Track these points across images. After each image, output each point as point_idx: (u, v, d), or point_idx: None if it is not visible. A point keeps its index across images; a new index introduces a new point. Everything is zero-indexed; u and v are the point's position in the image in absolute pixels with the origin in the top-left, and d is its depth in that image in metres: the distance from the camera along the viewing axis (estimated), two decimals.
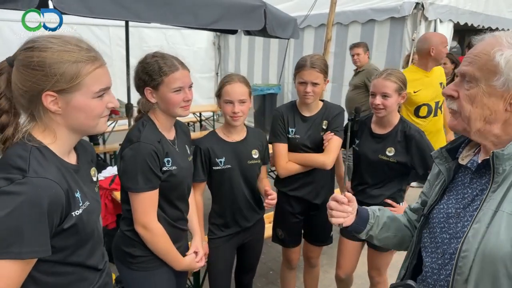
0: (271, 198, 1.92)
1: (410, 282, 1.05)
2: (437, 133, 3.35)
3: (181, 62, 1.60)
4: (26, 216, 0.89)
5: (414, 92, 3.10)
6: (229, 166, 1.94)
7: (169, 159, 1.57)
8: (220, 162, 1.92)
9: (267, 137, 2.21)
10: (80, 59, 0.99)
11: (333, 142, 2.13)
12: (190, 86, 1.62)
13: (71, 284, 1.08)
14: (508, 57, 0.88)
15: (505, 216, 0.88)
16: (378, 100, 2.01)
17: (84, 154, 1.20)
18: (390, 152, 2.08)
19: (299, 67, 2.08)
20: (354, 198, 1.26)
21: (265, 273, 3.23)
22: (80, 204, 1.04)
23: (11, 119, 1.00)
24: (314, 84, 2.05)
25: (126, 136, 1.57)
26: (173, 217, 1.66)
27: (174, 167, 1.58)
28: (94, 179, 1.23)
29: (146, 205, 1.52)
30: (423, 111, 3.21)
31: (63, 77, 0.97)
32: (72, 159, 1.11)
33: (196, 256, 1.79)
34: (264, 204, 2.00)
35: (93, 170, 1.24)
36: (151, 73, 1.53)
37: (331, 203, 1.24)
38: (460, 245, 0.95)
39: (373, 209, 1.29)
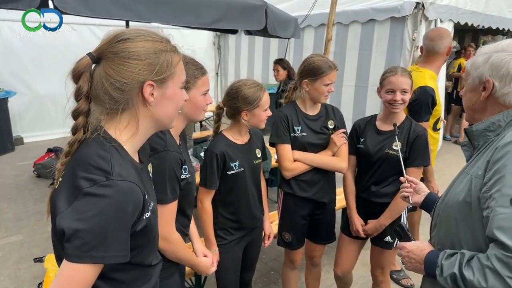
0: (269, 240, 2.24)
1: (402, 223, 1.44)
2: (437, 147, 3.06)
3: None
4: (111, 219, 0.87)
5: (439, 103, 2.67)
6: (242, 169, 1.93)
7: (186, 166, 1.53)
8: (235, 166, 1.91)
9: (264, 137, 2.21)
10: (169, 49, 1.01)
11: (346, 147, 2.21)
12: None
13: (136, 279, 1.07)
14: (472, 61, 1.20)
15: (464, 175, 1.18)
16: (399, 96, 2.06)
17: (143, 150, 1.16)
18: (396, 146, 2.10)
19: (327, 70, 2.09)
20: (416, 180, 1.64)
21: (266, 273, 3.23)
22: (149, 206, 1.02)
23: (85, 120, 0.97)
24: (333, 83, 2.15)
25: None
26: (183, 224, 1.64)
27: (189, 175, 1.54)
28: (151, 175, 1.22)
29: (170, 216, 1.46)
30: (440, 123, 2.87)
31: (162, 66, 0.98)
32: (136, 157, 1.09)
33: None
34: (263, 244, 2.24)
35: (150, 166, 1.22)
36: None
37: (403, 184, 1.68)
38: (437, 199, 1.33)
39: None
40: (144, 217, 0.98)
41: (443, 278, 1.09)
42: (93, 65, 0.97)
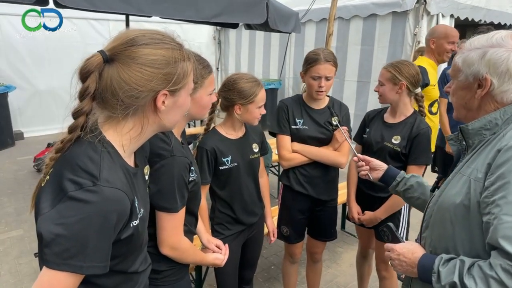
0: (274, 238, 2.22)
1: (390, 224, 1.39)
2: (436, 131, 3.27)
3: None
4: (93, 228, 0.83)
5: (434, 85, 2.94)
6: (235, 164, 1.90)
7: (193, 168, 1.45)
8: (227, 161, 1.88)
9: (262, 130, 2.18)
10: (184, 57, 0.99)
11: (347, 144, 2.16)
12: None
13: (120, 284, 1.04)
14: (463, 57, 1.13)
15: (460, 176, 1.13)
16: (377, 87, 2.17)
17: (141, 151, 1.12)
18: (396, 140, 2.10)
19: (313, 62, 2.03)
20: (368, 158, 1.70)
21: (267, 268, 3.23)
22: (138, 213, 0.98)
23: (85, 120, 0.92)
24: (327, 78, 2.05)
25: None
26: (191, 223, 1.60)
27: (196, 175, 1.47)
28: (146, 177, 1.16)
29: (177, 223, 1.38)
30: (435, 107, 3.04)
31: (179, 77, 0.96)
32: (132, 160, 1.05)
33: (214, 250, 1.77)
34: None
35: (146, 169, 1.17)
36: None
37: (356, 163, 1.73)
38: (430, 199, 1.27)
39: (404, 172, 1.62)
40: (131, 225, 0.95)
41: (441, 286, 1.05)
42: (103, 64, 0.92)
